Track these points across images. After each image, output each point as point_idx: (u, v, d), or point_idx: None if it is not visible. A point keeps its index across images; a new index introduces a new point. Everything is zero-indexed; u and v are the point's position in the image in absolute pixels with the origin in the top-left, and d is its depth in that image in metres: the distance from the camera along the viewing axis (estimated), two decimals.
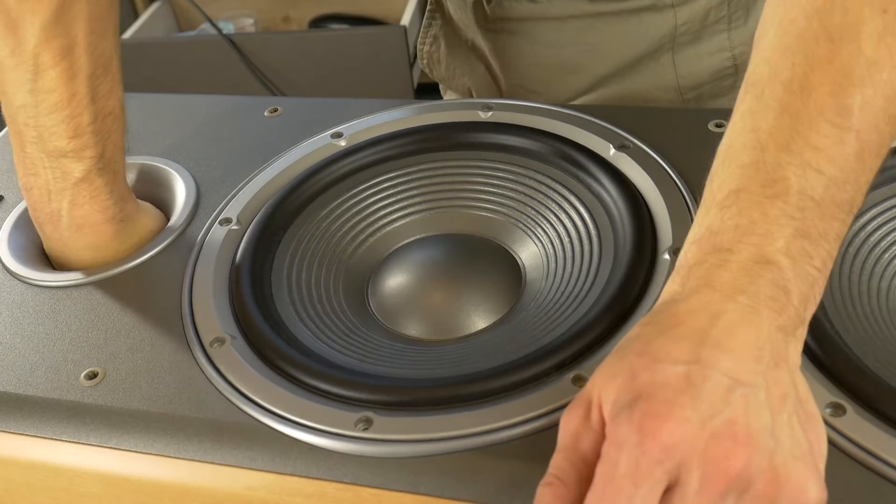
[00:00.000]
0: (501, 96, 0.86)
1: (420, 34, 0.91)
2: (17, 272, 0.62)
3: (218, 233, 0.63)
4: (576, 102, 0.84)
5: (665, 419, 0.36)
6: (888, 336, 0.51)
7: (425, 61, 0.92)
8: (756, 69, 0.45)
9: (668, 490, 0.37)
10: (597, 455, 0.39)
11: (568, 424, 0.40)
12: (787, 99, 0.42)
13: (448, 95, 0.96)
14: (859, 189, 0.42)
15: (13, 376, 0.54)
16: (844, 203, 0.42)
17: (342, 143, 0.69)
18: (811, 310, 0.42)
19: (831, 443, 0.43)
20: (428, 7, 0.88)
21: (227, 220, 0.63)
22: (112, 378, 0.53)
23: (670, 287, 0.43)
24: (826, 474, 0.39)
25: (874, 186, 0.57)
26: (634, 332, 0.41)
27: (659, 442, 0.36)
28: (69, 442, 0.51)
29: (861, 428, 0.43)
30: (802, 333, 0.41)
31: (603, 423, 0.39)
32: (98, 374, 0.53)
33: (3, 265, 0.63)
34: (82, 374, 0.53)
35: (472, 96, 0.90)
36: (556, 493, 0.39)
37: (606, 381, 0.39)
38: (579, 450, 0.39)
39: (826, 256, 0.42)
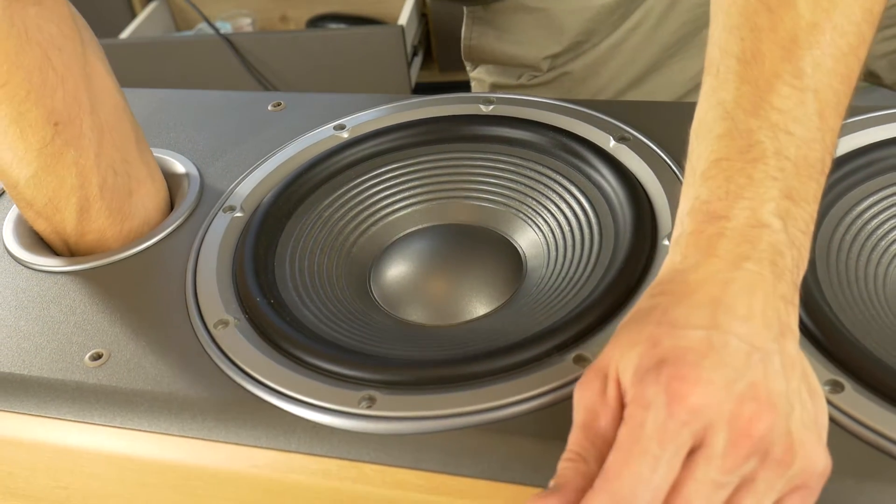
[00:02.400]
0: (560, 48, 0.89)
1: (463, 34, 0.93)
2: (22, 258, 0.63)
3: (222, 220, 0.63)
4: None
5: (693, 382, 0.36)
6: (884, 319, 0.52)
7: (475, 54, 0.94)
8: (709, 54, 0.47)
9: (692, 452, 0.37)
10: (614, 432, 0.39)
11: (584, 400, 0.40)
12: (743, 70, 0.44)
13: (485, 73, 0.97)
14: (826, 149, 0.44)
15: (17, 358, 0.54)
16: (817, 162, 0.43)
17: (345, 134, 0.70)
18: (800, 274, 0.42)
19: (830, 418, 0.44)
20: (467, 9, 0.91)
21: (231, 208, 0.64)
22: (116, 359, 0.53)
23: (672, 258, 0.43)
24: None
25: (870, 176, 0.59)
26: (646, 303, 0.42)
27: (687, 404, 0.36)
28: (73, 421, 0.52)
29: (858, 403, 0.44)
30: (797, 302, 0.42)
31: (620, 398, 0.39)
32: (102, 355, 0.54)
33: (9, 252, 0.64)
34: (87, 356, 0.54)
35: (531, 67, 0.92)
36: (579, 469, 0.39)
37: (625, 351, 0.39)
38: (598, 427, 0.39)
39: (808, 219, 0.43)
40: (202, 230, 0.63)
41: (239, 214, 0.63)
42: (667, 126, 0.65)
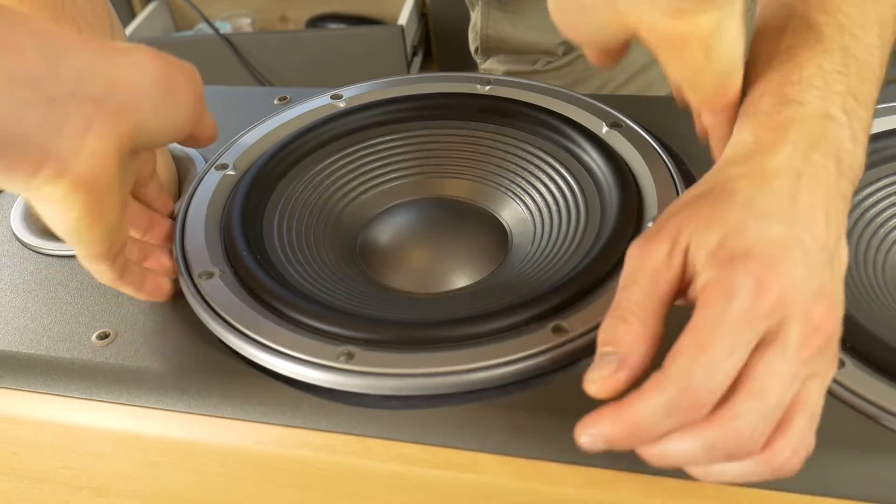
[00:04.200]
0: None
1: (480, 25, 0.94)
2: (29, 243, 0.63)
3: (213, 177, 0.64)
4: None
5: (780, 275, 0.37)
6: (884, 302, 0.53)
7: (491, 44, 0.95)
8: None
9: (762, 345, 0.37)
10: (672, 297, 0.39)
11: (647, 261, 0.40)
12: None
13: (497, 63, 0.98)
14: (883, 61, 0.45)
15: (24, 337, 0.55)
16: (876, 69, 0.44)
17: (341, 104, 0.71)
18: (859, 175, 0.43)
19: (833, 393, 0.45)
20: (482, 2, 0.92)
21: (224, 166, 0.65)
22: (123, 338, 0.54)
23: (743, 136, 0.43)
24: (826, 421, 0.40)
25: (872, 165, 0.60)
26: (723, 182, 0.41)
27: (774, 295, 0.36)
28: (80, 398, 0.52)
29: (859, 379, 0.45)
30: (851, 200, 0.42)
31: (684, 266, 0.39)
32: (110, 334, 0.54)
33: (17, 237, 0.64)
34: (94, 335, 0.54)
35: (547, 53, 0.92)
36: (636, 332, 0.38)
37: (702, 228, 0.39)
38: (658, 290, 0.39)
39: (867, 122, 0.43)
40: (193, 185, 0.63)
41: (231, 172, 0.64)
42: (660, 116, 0.66)
